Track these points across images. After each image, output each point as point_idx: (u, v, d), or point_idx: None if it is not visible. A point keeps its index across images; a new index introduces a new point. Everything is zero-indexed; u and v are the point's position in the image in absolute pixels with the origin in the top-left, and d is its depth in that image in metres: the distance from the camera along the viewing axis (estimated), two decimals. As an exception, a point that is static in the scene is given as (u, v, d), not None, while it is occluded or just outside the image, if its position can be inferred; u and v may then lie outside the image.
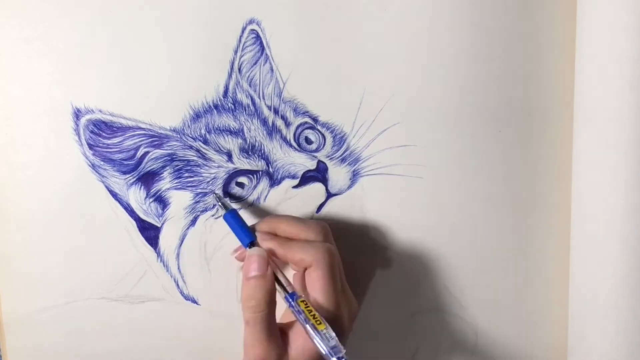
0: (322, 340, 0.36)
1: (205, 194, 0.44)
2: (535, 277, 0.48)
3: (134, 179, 0.44)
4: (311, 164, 0.45)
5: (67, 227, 0.44)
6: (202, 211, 0.45)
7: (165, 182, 0.44)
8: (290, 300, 0.39)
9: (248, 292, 0.39)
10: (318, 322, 0.37)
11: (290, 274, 0.41)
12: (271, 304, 0.39)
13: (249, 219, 0.45)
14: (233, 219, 0.42)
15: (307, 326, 0.37)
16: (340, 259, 0.42)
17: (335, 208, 0.46)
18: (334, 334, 0.37)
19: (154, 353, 0.46)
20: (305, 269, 0.40)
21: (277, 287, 0.40)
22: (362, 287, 0.47)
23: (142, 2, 0.43)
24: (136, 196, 0.44)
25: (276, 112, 0.45)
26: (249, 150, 0.44)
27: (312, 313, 0.38)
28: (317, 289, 0.39)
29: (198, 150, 0.44)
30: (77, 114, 0.43)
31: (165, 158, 0.44)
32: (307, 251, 0.40)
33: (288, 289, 0.39)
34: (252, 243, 0.41)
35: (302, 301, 0.38)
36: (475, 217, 0.47)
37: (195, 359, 0.46)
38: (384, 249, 0.47)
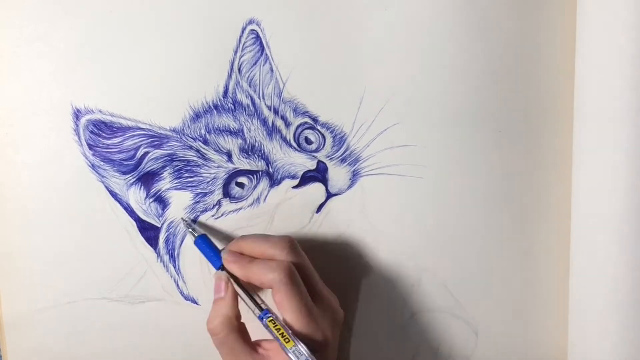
0: (294, 356, 0.37)
1: (205, 194, 0.44)
2: (535, 277, 0.48)
3: (134, 179, 0.44)
4: (311, 164, 0.45)
5: (67, 227, 0.44)
6: (202, 211, 0.45)
7: (165, 182, 0.44)
8: (262, 319, 0.39)
9: (209, 315, 0.40)
10: (287, 340, 0.38)
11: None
12: (230, 327, 0.39)
13: (245, 221, 0.45)
14: (204, 243, 0.43)
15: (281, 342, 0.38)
16: (313, 267, 0.42)
17: (335, 208, 0.46)
18: (303, 350, 0.37)
19: (154, 353, 0.46)
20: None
21: (252, 306, 0.40)
22: (361, 287, 0.47)
23: (142, 2, 0.43)
24: (136, 196, 0.44)
25: (276, 112, 0.45)
26: (248, 150, 0.44)
27: (280, 332, 0.38)
28: (285, 309, 0.39)
29: (198, 151, 0.44)
30: (77, 114, 0.43)
31: (165, 158, 0.44)
32: (265, 274, 0.39)
33: (262, 306, 0.40)
34: (222, 266, 0.42)
35: (271, 320, 0.39)
36: (475, 217, 0.47)
37: (195, 359, 0.46)
38: (384, 249, 0.47)
